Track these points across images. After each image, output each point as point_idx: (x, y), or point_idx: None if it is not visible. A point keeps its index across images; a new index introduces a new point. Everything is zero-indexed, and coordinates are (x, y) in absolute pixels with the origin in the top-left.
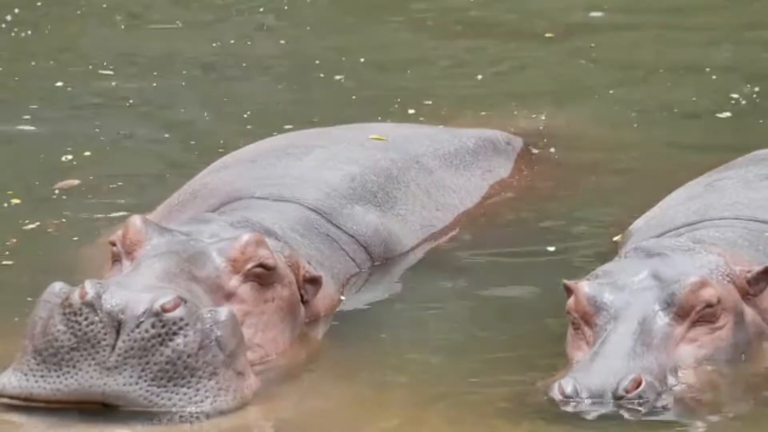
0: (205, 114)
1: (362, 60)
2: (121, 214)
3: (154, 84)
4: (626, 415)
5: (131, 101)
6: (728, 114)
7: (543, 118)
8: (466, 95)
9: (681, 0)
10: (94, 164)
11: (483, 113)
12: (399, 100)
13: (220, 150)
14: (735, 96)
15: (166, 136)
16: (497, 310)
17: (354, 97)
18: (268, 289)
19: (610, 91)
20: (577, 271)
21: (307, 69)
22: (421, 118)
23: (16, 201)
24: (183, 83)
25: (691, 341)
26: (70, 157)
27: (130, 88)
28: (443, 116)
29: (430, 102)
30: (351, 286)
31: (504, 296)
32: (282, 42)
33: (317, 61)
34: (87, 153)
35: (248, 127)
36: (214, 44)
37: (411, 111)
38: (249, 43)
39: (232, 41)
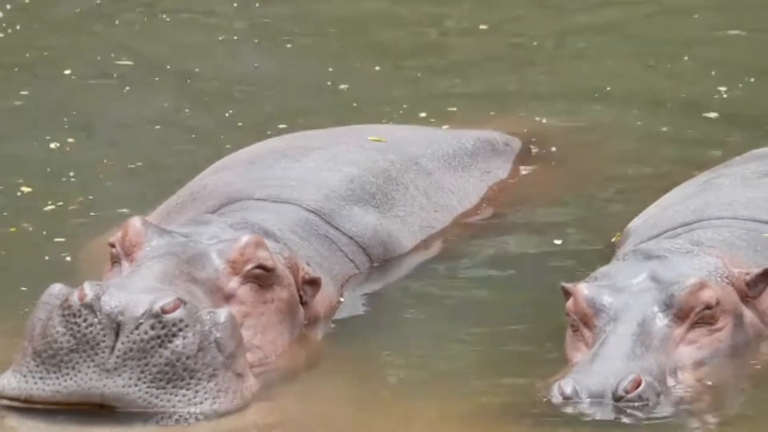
0: (207, 114)
1: (369, 60)
2: (123, 211)
3: (157, 79)
4: (626, 416)
5: (128, 88)
6: (727, 113)
7: (544, 120)
8: (464, 96)
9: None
10: (97, 150)
11: (492, 113)
12: (405, 106)
13: (228, 146)
14: (736, 96)
15: (168, 130)
16: (496, 311)
17: (360, 99)
18: (268, 290)
19: (608, 90)
20: (576, 273)
21: (314, 69)
22: (432, 120)
23: (27, 189)
24: (189, 80)
25: (691, 343)
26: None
27: (129, 84)
28: (449, 119)
29: (439, 105)
30: (350, 287)
31: (502, 297)
32: (289, 46)
33: (324, 61)
34: (89, 139)
35: (240, 124)
36: (221, 37)
37: (422, 114)
38: (257, 40)
39: (235, 37)
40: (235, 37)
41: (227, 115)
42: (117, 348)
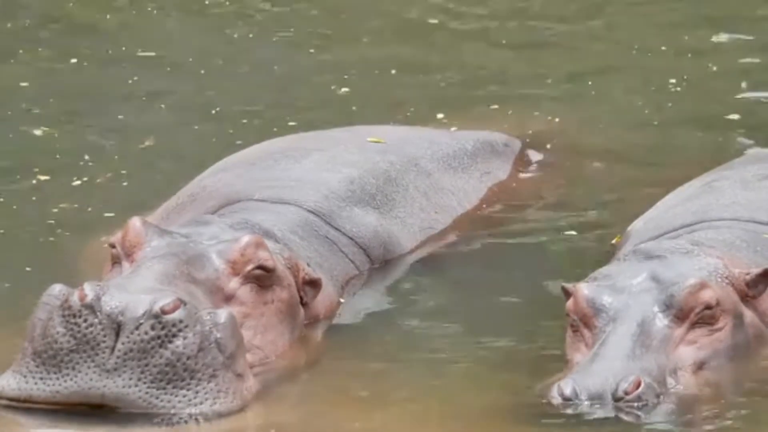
0: (208, 113)
1: (382, 62)
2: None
3: (161, 73)
4: (625, 417)
5: (136, 78)
6: (736, 116)
7: (549, 119)
8: (459, 96)
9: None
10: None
11: (493, 112)
12: (412, 109)
13: (238, 142)
14: (740, 98)
15: (168, 129)
16: (496, 312)
17: (365, 100)
18: (268, 291)
19: (608, 90)
20: (576, 274)
21: (318, 69)
22: (444, 120)
23: (45, 177)
24: (203, 71)
25: (691, 343)
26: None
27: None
28: (464, 119)
29: (453, 106)
30: (350, 288)
31: (502, 298)
32: (302, 48)
33: (328, 61)
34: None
35: (243, 123)
36: (236, 35)
37: (440, 115)
38: (274, 39)
39: (251, 35)
40: (251, 35)
41: (229, 113)
42: (117, 348)
